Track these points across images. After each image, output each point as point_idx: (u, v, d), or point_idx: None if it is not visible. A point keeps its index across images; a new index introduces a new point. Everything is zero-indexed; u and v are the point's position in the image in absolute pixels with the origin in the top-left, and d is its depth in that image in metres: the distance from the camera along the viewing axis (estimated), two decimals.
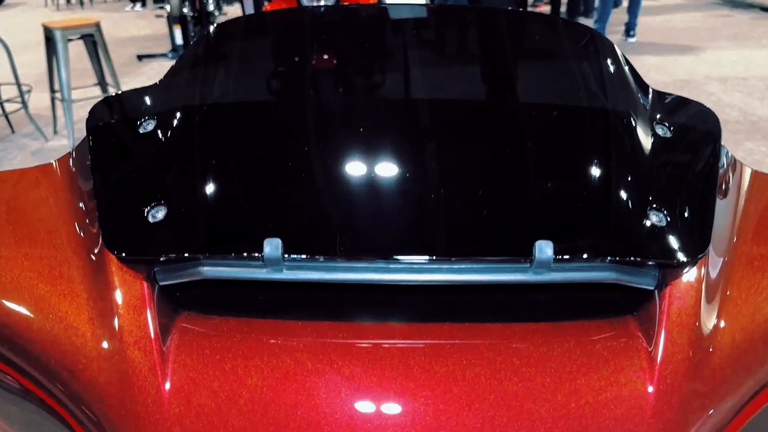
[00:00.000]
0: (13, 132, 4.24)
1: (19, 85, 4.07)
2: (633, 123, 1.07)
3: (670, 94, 1.19)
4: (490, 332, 0.91)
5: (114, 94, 1.16)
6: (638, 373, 0.85)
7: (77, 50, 4.38)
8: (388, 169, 0.97)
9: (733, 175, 1.11)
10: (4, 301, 0.91)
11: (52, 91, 4.07)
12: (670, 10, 7.96)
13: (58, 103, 4.11)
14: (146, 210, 0.93)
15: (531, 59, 1.24)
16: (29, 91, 4.30)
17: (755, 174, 1.14)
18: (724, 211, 1.03)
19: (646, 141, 1.04)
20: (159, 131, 1.02)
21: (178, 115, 1.05)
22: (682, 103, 1.16)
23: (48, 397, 0.88)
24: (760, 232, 1.02)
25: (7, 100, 4.22)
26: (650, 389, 0.83)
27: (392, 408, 0.82)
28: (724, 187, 1.05)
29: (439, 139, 1.03)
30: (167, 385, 0.83)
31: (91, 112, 1.06)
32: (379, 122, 1.07)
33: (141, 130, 1.02)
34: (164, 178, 0.99)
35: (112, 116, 1.07)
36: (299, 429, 0.80)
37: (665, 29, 7.07)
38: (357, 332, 0.90)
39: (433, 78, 1.20)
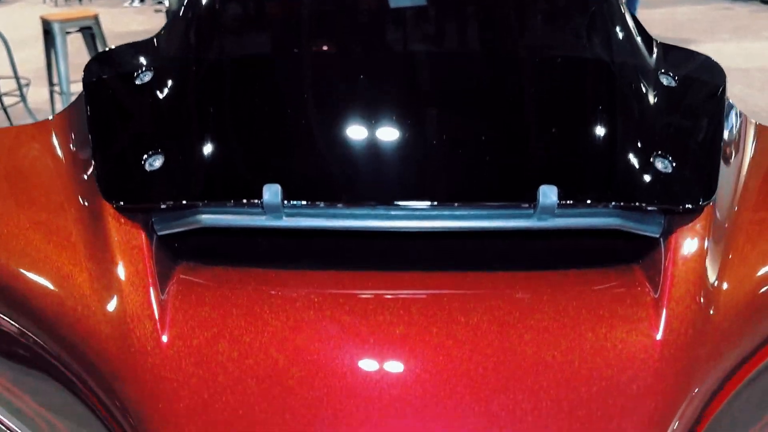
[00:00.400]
0: (11, 126, 4.22)
1: (17, 78, 4.06)
2: (637, 72, 1.05)
3: (675, 47, 1.17)
4: (493, 281, 0.89)
5: (109, 49, 1.15)
6: (644, 320, 0.83)
7: (76, 45, 4.38)
8: (389, 115, 0.96)
9: (738, 126, 1.10)
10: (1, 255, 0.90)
11: (51, 84, 4.05)
12: (671, 2, 7.96)
13: (57, 97, 4.10)
14: (143, 159, 0.91)
15: (534, 8, 1.22)
16: (27, 85, 4.28)
17: (761, 127, 1.13)
18: (729, 161, 1.01)
19: (651, 90, 1.02)
20: (156, 82, 1.01)
21: (175, 66, 1.04)
22: (687, 55, 1.15)
23: (46, 348, 0.87)
24: (767, 183, 1.00)
25: (6, 94, 4.21)
26: (656, 336, 0.82)
27: (393, 357, 0.80)
28: (729, 137, 1.04)
29: (441, 85, 1.02)
30: (165, 334, 0.82)
31: (87, 66, 1.05)
32: (380, 68, 1.05)
33: (137, 82, 1.01)
34: (161, 127, 0.98)
35: (108, 70, 1.06)
36: (298, 378, 0.79)
37: (666, 22, 7.06)
38: (357, 281, 0.89)
39: (433, 26, 1.18)
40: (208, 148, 0.92)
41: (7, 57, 4.00)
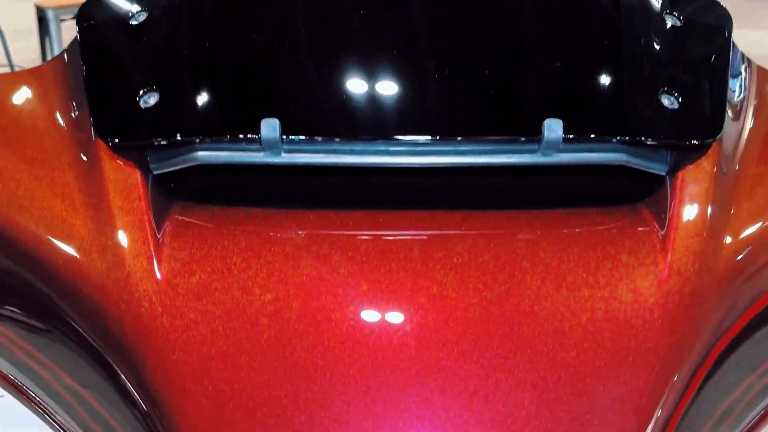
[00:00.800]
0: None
1: (11, 67, 4.04)
2: (644, 10, 1.04)
3: None
4: (497, 220, 0.88)
5: None
6: (651, 258, 0.82)
7: (71, 32, 4.36)
8: (390, 48, 0.94)
9: (743, 69, 1.09)
10: None
11: None
12: None
13: None
14: (139, 96, 0.90)
15: None
16: None
17: (764, 71, 1.12)
18: (735, 101, 1.00)
19: (657, 28, 1.01)
20: (150, 21, 0.99)
21: (170, 4, 1.02)
22: None
23: (42, 291, 0.85)
24: None
25: None
26: (663, 274, 0.81)
27: (394, 297, 0.78)
28: (734, 78, 1.03)
29: (443, 17, 1.00)
30: (161, 273, 0.80)
31: (81, 10, 1.03)
32: None
33: (132, 22, 0.99)
34: (157, 64, 0.96)
35: (102, 12, 1.04)
36: (296, 317, 0.77)
37: None
38: (357, 221, 0.87)
39: None
40: (204, 84, 0.91)
41: (2, 46, 3.97)
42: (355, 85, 0.90)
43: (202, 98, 0.90)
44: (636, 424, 0.75)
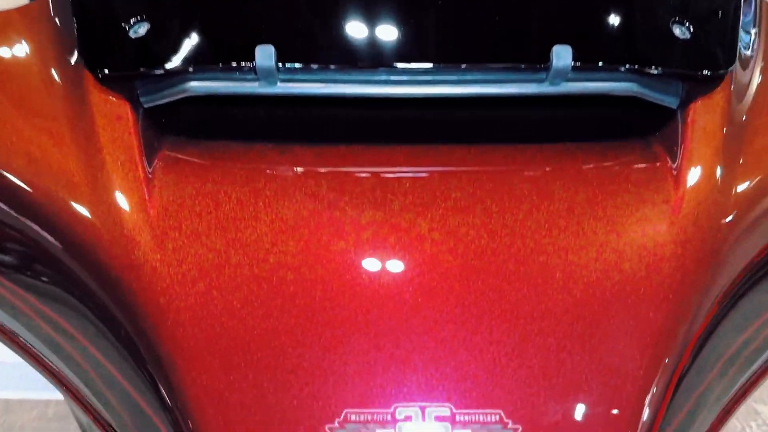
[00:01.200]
0: None
1: None
2: None
3: None
4: (502, 155, 0.85)
5: None
6: (663, 193, 0.80)
7: None
8: None
9: (756, 3, 1.05)
10: None
11: None
12: None
13: None
14: (128, 26, 0.85)
15: None
16: None
17: None
18: (748, 35, 0.96)
19: None
20: None
21: None
22: None
23: (29, 229, 0.82)
24: None
25: None
26: (675, 208, 0.79)
27: (395, 235, 0.76)
28: (747, 11, 0.99)
29: None
30: (152, 208, 0.78)
31: None
32: None
33: None
34: None
35: None
36: (291, 254, 0.75)
37: None
38: (356, 156, 0.84)
39: None
40: (195, 11, 0.87)
41: None
42: (355, 11, 0.86)
43: (194, 26, 0.85)
44: (646, 362, 0.73)
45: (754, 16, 1.03)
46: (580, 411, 0.71)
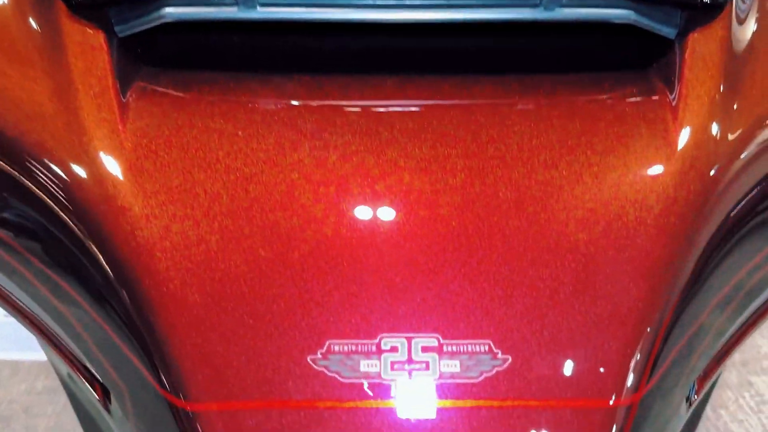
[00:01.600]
0: None
1: None
2: None
3: None
4: (495, 86, 0.82)
5: None
6: (660, 125, 0.77)
7: None
8: None
9: None
10: None
11: None
12: None
13: None
14: None
15: None
16: None
17: None
18: None
19: None
20: None
21: None
22: None
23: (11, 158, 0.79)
24: None
25: None
26: (673, 141, 0.76)
27: (381, 168, 0.73)
28: None
29: None
30: (126, 139, 0.75)
31: None
32: None
33: None
34: None
35: None
36: (270, 186, 0.73)
37: None
38: (340, 87, 0.81)
39: None
40: None
41: None
42: None
43: None
44: (640, 297, 0.71)
45: None
46: (571, 344, 0.68)
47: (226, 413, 0.66)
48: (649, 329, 0.70)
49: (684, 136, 0.76)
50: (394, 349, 0.67)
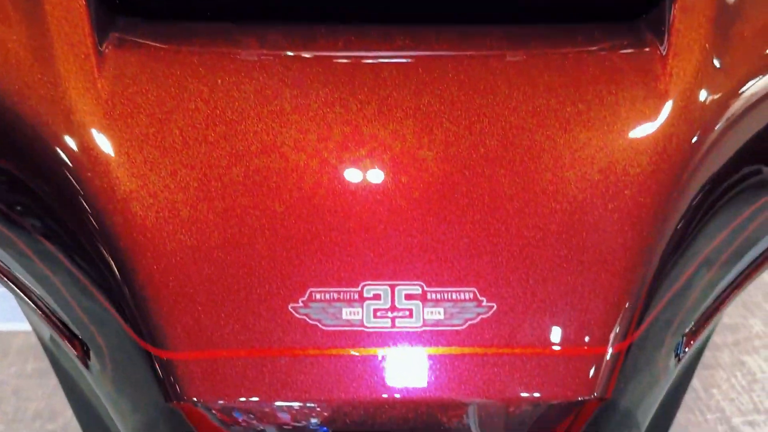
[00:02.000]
0: None
1: None
2: None
3: None
4: (483, 36, 0.80)
5: None
6: (652, 76, 0.76)
7: None
8: None
9: None
10: None
11: None
12: None
13: None
14: None
15: None
16: None
17: None
18: None
19: None
20: None
21: None
22: None
23: None
24: None
25: None
26: (665, 92, 0.75)
27: (365, 118, 0.72)
28: None
29: None
30: (104, 91, 0.73)
31: None
32: None
33: None
34: None
35: None
36: (251, 135, 0.71)
37: None
38: (328, 37, 0.79)
39: None
40: None
41: None
42: None
43: None
44: (627, 247, 0.70)
45: None
46: (557, 292, 0.67)
47: (206, 361, 0.65)
48: (636, 279, 0.69)
49: (675, 86, 0.75)
50: (376, 297, 0.66)
